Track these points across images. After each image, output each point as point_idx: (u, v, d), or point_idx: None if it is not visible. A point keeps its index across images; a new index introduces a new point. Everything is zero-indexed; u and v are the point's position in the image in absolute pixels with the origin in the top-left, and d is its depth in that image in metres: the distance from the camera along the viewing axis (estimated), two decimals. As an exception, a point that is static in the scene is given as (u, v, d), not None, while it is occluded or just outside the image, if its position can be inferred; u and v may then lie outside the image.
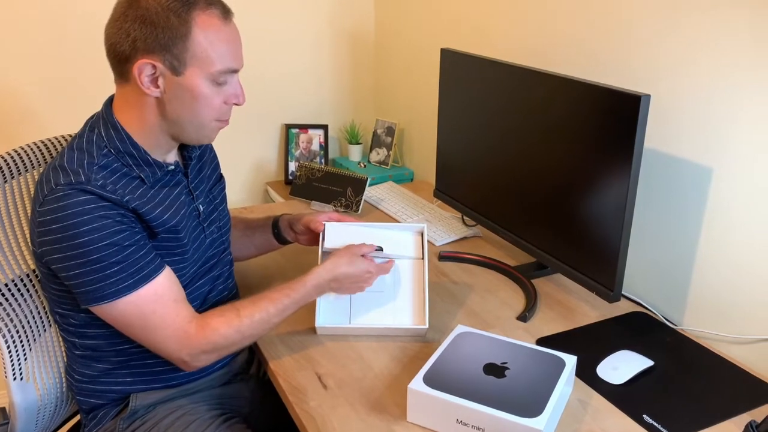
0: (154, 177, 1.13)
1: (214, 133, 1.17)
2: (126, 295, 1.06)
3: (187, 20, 1.04)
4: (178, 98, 1.08)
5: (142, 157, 1.12)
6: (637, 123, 1.17)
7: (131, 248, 1.06)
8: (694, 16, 1.27)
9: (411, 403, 1.06)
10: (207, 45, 1.05)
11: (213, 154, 1.37)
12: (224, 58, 1.08)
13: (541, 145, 1.45)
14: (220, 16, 1.07)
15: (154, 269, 1.09)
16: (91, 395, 1.20)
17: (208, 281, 1.25)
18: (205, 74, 1.07)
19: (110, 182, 1.06)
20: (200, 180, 1.27)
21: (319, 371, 1.20)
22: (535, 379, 1.07)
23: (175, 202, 1.16)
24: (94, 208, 1.02)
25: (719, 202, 1.29)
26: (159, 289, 1.09)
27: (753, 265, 1.25)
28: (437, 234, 1.77)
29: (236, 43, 1.11)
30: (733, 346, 1.30)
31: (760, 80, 1.18)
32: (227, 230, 1.34)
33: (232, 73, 1.11)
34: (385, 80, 2.52)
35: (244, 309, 1.14)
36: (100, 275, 1.04)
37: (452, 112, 1.74)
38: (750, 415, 1.10)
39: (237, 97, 1.14)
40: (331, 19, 2.45)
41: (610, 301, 1.31)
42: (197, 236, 1.22)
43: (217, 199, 1.31)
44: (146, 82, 1.06)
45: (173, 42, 1.04)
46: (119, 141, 1.10)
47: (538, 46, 1.70)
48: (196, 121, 1.11)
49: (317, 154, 2.51)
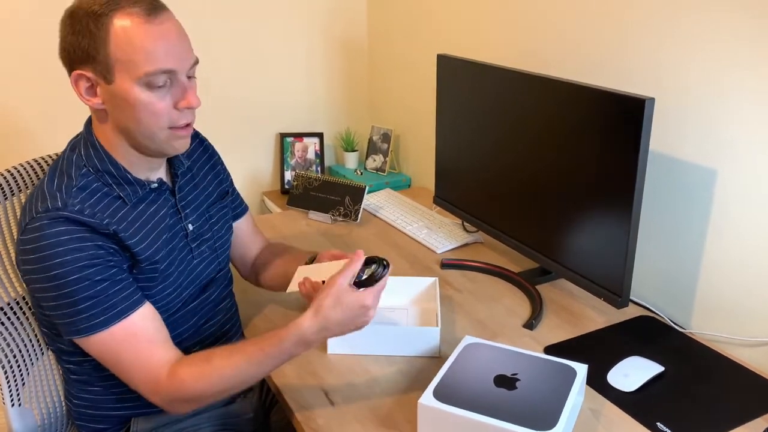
0: (135, 196, 1.09)
1: (178, 142, 1.08)
2: (98, 332, 1.02)
3: (105, 24, 0.97)
4: (117, 107, 1.03)
5: (122, 176, 1.08)
6: (642, 126, 1.16)
7: (104, 283, 1.01)
8: (695, 18, 1.26)
9: (422, 418, 1.04)
10: (128, 48, 0.98)
11: (219, 168, 1.31)
12: (152, 59, 0.99)
13: (542, 149, 1.43)
14: (144, 14, 0.99)
15: (128, 306, 1.04)
16: (91, 420, 1.18)
17: (201, 304, 1.21)
18: (133, 79, 0.99)
19: (89, 205, 1.03)
20: (193, 197, 1.21)
21: (325, 387, 1.18)
22: (547, 389, 1.05)
23: (159, 224, 1.12)
24: (69, 239, 0.99)
25: (724, 204, 1.28)
26: (132, 328, 1.04)
27: (760, 267, 1.24)
28: (438, 241, 1.75)
29: (169, 41, 1.00)
30: (742, 348, 1.29)
31: (762, 81, 1.17)
32: (224, 250, 1.28)
33: (165, 74, 1.01)
34: (380, 86, 2.50)
35: (216, 361, 1.04)
36: (72, 309, 1.01)
37: (451, 118, 1.72)
38: (764, 419, 1.09)
39: (185, 99, 1.04)
40: (324, 27, 2.43)
41: (619, 306, 1.29)
42: (183, 258, 1.16)
43: (214, 217, 1.25)
44: (86, 94, 1.03)
45: (96, 50, 0.98)
46: (98, 159, 1.07)
47: (536, 50, 1.68)
48: (144, 130, 1.04)
49: (313, 162, 2.49)
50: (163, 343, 1.07)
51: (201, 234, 1.21)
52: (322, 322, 1.01)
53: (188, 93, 1.04)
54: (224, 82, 2.32)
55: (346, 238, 1.81)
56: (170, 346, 1.08)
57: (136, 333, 1.04)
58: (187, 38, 1.05)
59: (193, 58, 1.06)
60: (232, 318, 1.31)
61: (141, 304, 1.06)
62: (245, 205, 1.41)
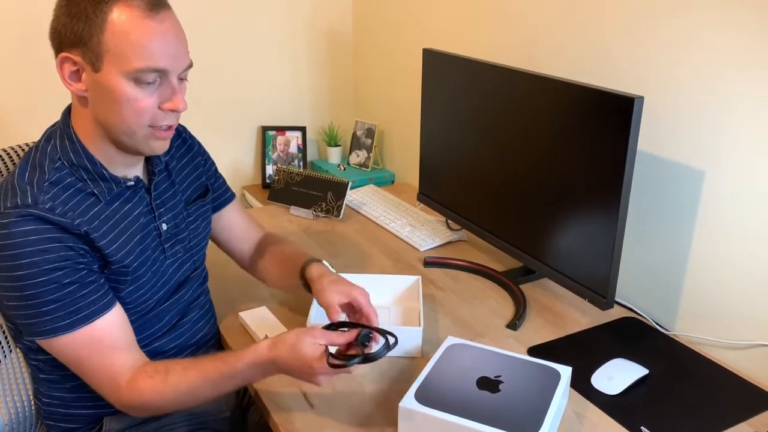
0: (110, 193, 1.05)
1: (157, 143, 1.04)
2: (61, 335, 0.99)
3: (104, 11, 0.94)
4: (100, 97, 0.99)
5: (97, 171, 1.04)
6: (631, 125, 1.14)
7: (72, 286, 0.98)
8: (685, 17, 1.25)
9: (403, 421, 1.01)
10: (122, 40, 0.94)
11: (199, 161, 1.27)
12: (144, 56, 0.95)
13: (529, 147, 1.41)
14: (145, 8, 0.95)
15: (94, 311, 1.00)
16: (62, 419, 1.14)
17: (174, 303, 1.18)
18: (122, 72, 0.96)
19: (60, 202, 0.99)
20: (169, 196, 1.17)
21: (304, 389, 1.15)
22: (530, 392, 1.03)
23: (132, 224, 1.08)
24: (38, 239, 0.95)
25: (712, 205, 1.27)
26: (97, 334, 1.00)
27: (746, 269, 1.23)
28: (421, 239, 1.73)
29: (164, 41, 0.97)
30: (726, 351, 1.28)
31: (752, 81, 1.16)
32: (200, 249, 1.25)
33: (156, 72, 0.97)
34: (364, 81, 2.47)
35: (173, 375, 1.02)
36: (36, 311, 0.97)
37: (436, 114, 1.69)
38: (749, 424, 1.08)
39: (171, 102, 1.00)
40: (308, 19, 2.39)
41: (603, 308, 1.28)
42: (156, 258, 1.13)
43: (191, 216, 1.22)
44: (69, 78, 0.99)
45: (89, 35, 0.95)
46: (73, 152, 1.03)
47: (523, 46, 1.66)
48: (124, 125, 1.00)
49: (295, 156, 2.45)
50: (128, 348, 1.04)
51: (175, 234, 1.17)
52: (274, 357, 1.00)
53: (176, 95, 1.00)
54: (205, 74, 2.27)
55: (328, 235, 1.78)
56: (134, 351, 1.05)
57: (101, 339, 1.01)
58: (184, 40, 1.02)
59: (187, 60, 1.02)
60: (206, 314, 1.28)
61: (108, 309, 1.02)
62: (231, 193, 1.37)
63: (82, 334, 0.99)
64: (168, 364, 1.04)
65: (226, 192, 1.36)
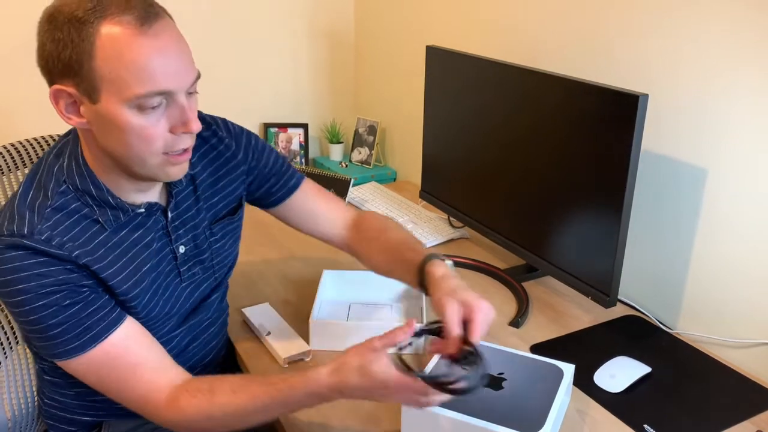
0: (116, 222, 0.97)
1: (173, 169, 0.94)
2: (75, 356, 0.93)
3: (90, 33, 0.82)
4: (104, 129, 0.89)
5: (104, 198, 0.95)
6: (635, 123, 1.14)
7: (74, 307, 0.91)
8: (688, 15, 1.24)
9: (406, 417, 1.02)
10: (116, 64, 0.83)
11: (254, 166, 1.16)
12: (144, 79, 0.84)
13: (532, 144, 1.41)
14: (136, 23, 0.84)
15: (104, 328, 0.93)
16: (62, 421, 1.13)
17: (187, 330, 1.11)
18: (122, 100, 0.85)
19: (59, 231, 0.91)
20: (192, 215, 1.07)
21: (307, 385, 1.15)
22: (534, 390, 1.03)
23: (141, 252, 1.00)
24: (31, 264, 0.88)
25: (715, 204, 1.27)
26: (112, 351, 0.94)
27: (748, 268, 1.23)
28: (423, 236, 1.73)
29: (165, 57, 0.86)
30: (729, 350, 1.28)
31: (756, 79, 1.16)
32: (222, 266, 1.15)
33: (160, 95, 0.87)
34: (366, 78, 2.46)
35: (220, 396, 0.94)
36: (44, 335, 0.92)
37: (439, 111, 1.69)
38: (751, 422, 1.08)
39: (184, 124, 0.90)
40: (309, 16, 2.39)
41: (606, 306, 1.28)
42: (170, 283, 1.05)
43: (216, 234, 1.12)
44: (66, 112, 0.89)
45: (79, 63, 0.84)
46: (79, 176, 0.95)
47: (527, 44, 1.66)
48: (134, 155, 0.90)
49: (297, 153, 2.45)
50: (156, 363, 0.97)
51: (195, 255, 1.09)
52: (339, 384, 0.89)
53: (187, 116, 0.90)
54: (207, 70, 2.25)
55: (330, 232, 1.77)
56: (166, 366, 0.98)
57: (117, 355, 0.94)
58: (187, 50, 0.91)
59: (194, 73, 0.92)
60: (219, 333, 1.22)
61: (119, 323, 0.95)
62: (296, 179, 1.24)
63: (97, 353, 0.93)
64: (212, 382, 0.97)
65: (290, 179, 1.23)
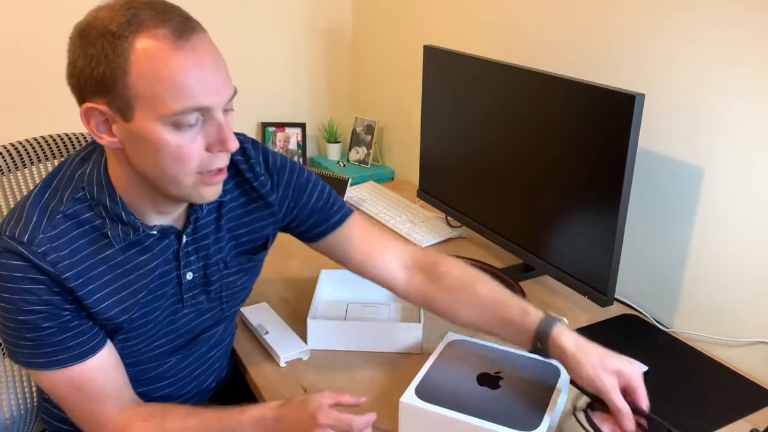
0: (125, 239, 0.93)
1: (208, 190, 0.90)
2: (36, 370, 0.91)
3: (125, 48, 0.79)
4: (137, 148, 0.86)
5: (117, 213, 0.91)
6: (632, 123, 1.14)
7: (49, 330, 0.89)
8: (685, 14, 1.25)
9: (403, 417, 1.02)
10: (152, 80, 0.80)
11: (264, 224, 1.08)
12: (181, 95, 0.81)
13: (529, 144, 1.41)
14: (173, 37, 0.81)
15: (74, 356, 0.90)
16: (58, 420, 1.12)
17: (182, 358, 1.08)
18: (157, 118, 0.82)
19: (58, 246, 0.88)
20: (208, 244, 1.02)
21: (304, 384, 1.15)
22: (530, 388, 1.03)
23: (145, 276, 0.96)
24: (21, 278, 0.86)
25: (711, 203, 1.27)
26: (76, 379, 0.91)
27: (745, 267, 1.23)
28: (421, 236, 1.73)
29: (202, 72, 0.83)
30: (725, 348, 1.29)
31: (751, 78, 1.16)
32: (228, 301, 1.10)
33: (197, 111, 0.84)
34: (364, 77, 2.46)
35: (171, 421, 0.93)
36: (14, 341, 0.90)
37: (436, 111, 1.69)
38: (747, 421, 1.08)
39: (221, 143, 0.86)
40: (308, 15, 2.39)
41: (603, 305, 1.28)
42: (168, 307, 1.01)
43: (231, 269, 1.07)
44: (98, 130, 0.86)
45: (112, 79, 0.80)
46: (98, 186, 0.91)
47: (523, 44, 1.66)
48: (168, 175, 0.87)
49: (295, 153, 2.45)
50: (115, 394, 0.95)
51: (203, 284, 1.04)
52: (281, 413, 0.91)
53: (225, 133, 0.86)
54: (205, 69, 2.26)
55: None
56: (123, 395, 0.96)
57: (81, 385, 0.92)
58: (224, 65, 0.87)
59: (231, 89, 0.88)
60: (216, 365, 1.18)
61: (92, 354, 0.92)
62: (340, 215, 1.13)
63: (60, 376, 0.91)
64: (165, 407, 0.97)
65: (334, 215, 1.13)
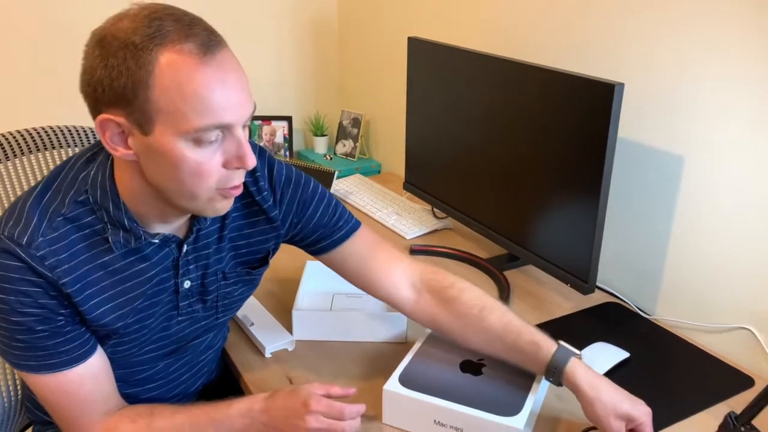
0: (125, 245, 0.91)
1: (222, 203, 0.89)
2: (25, 372, 0.91)
3: (149, 62, 0.77)
4: (154, 163, 0.83)
5: (119, 219, 0.89)
6: (611, 112, 1.15)
7: (43, 333, 0.88)
8: (662, 4, 1.26)
9: (387, 404, 1.03)
10: (176, 95, 0.78)
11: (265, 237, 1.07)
12: (205, 112, 0.79)
13: (512, 135, 1.42)
14: (198, 53, 0.78)
15: (65, 362, 0.90)
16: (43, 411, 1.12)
17: (176, 359, 1.07)
18: (178, 133, 0.80)
19: (57, 249, 0.86)
20: (209, 254, 1.01)
21: (290, 374, 1.16)
22: (513, 375, 1.05)
23: (142, 284, 0.95)
24: (18, 279, 0.85)
25: (691, 191, 1.28)
26: (65, 384, 0.91)
27: (725, 254, 1.25)
28: (407, 227, 1.74)
29: (226, 89, 0.80)
30: (706, 335, 1.30)
31: (731, 67, 1.17)
32: (224, 310, 1.08)
33: (219, 128, 0.82)
34: (350, 70, 2.47)
35: (159, 420, 0.94)
36: (4, 341, 0.89)
37: (421, 103, 1.70)
38: (726, 404, 1.10)
39: (240, 159, 0.84)
40: (293, 7, 2.38)
41: (585, 293, 1.30)
42: (163, 314, 1.00)
43: (229, 279, 1.05)
44: (112, 142, 0.83)
45: (133, 92, 0.78)
46: (101, 190, 0.89)
47: (506, 35, 1.67)
48: (185, 190, 0.85)
49: (281, 146, 2.45)
50: (103, 401, 0.95)
51: (200, 293, 1.03)
52: (269, 405, 0.93)
53: (244, 150, 0.84)
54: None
55: (314, 223, 1.78)
56: (110, 402, 0.96)
57: (68, 391, 0.92)
58: (246, 80, 0.85)
59: (252, 105, 0.86)
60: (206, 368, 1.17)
61: (83, 360, 0.92)
62: (347, 229, 1.11)
63: (50, 380, 0.90)
64: (152, 407, 0.97)
65: (339, 230, 1.10)
